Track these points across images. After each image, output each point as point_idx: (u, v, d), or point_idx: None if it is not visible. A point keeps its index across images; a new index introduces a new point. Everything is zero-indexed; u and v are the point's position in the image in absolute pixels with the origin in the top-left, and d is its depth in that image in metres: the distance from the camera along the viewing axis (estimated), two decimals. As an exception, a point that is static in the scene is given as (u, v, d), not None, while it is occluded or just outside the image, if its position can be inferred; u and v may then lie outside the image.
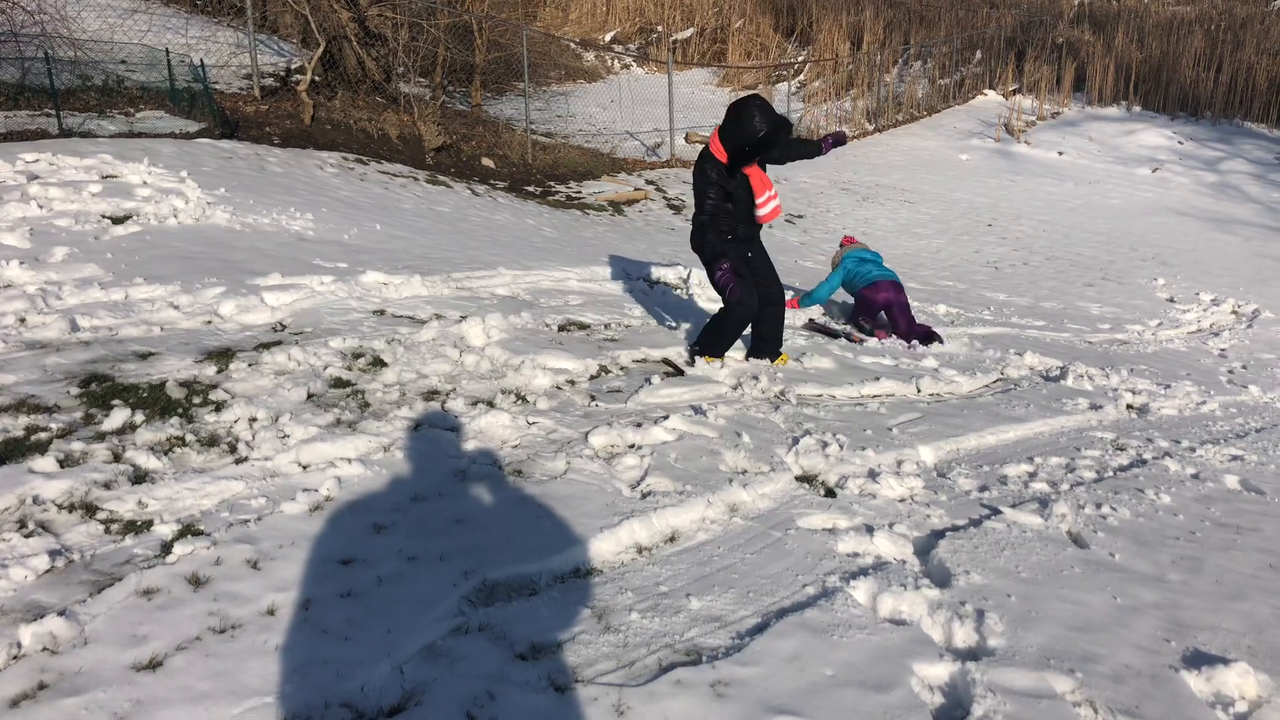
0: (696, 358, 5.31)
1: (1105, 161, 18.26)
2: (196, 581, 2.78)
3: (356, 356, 4.70)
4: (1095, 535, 3.63)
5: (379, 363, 4.65)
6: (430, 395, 4.35)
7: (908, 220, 14.07)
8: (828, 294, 7.47)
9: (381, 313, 5.46)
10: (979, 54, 23.56)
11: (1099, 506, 3.91)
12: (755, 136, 4.84)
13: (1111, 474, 4.44)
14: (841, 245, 7.77)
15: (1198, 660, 2.81)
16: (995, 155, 18.56)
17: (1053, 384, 6.16)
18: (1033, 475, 4.29)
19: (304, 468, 3.57)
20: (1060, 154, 18.63)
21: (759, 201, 5.17)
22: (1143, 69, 21.49)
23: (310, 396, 4.16)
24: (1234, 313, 10.30)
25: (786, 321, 5.91)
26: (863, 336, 6.98)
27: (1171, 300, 10.70)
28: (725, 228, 5.10)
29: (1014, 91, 22.31)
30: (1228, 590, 3.33)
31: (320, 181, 9.35)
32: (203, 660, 2.45)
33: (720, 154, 4.99)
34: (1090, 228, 14.25)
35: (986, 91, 22.62)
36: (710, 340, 5.30)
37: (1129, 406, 5.93)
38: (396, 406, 4.18)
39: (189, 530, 3.06)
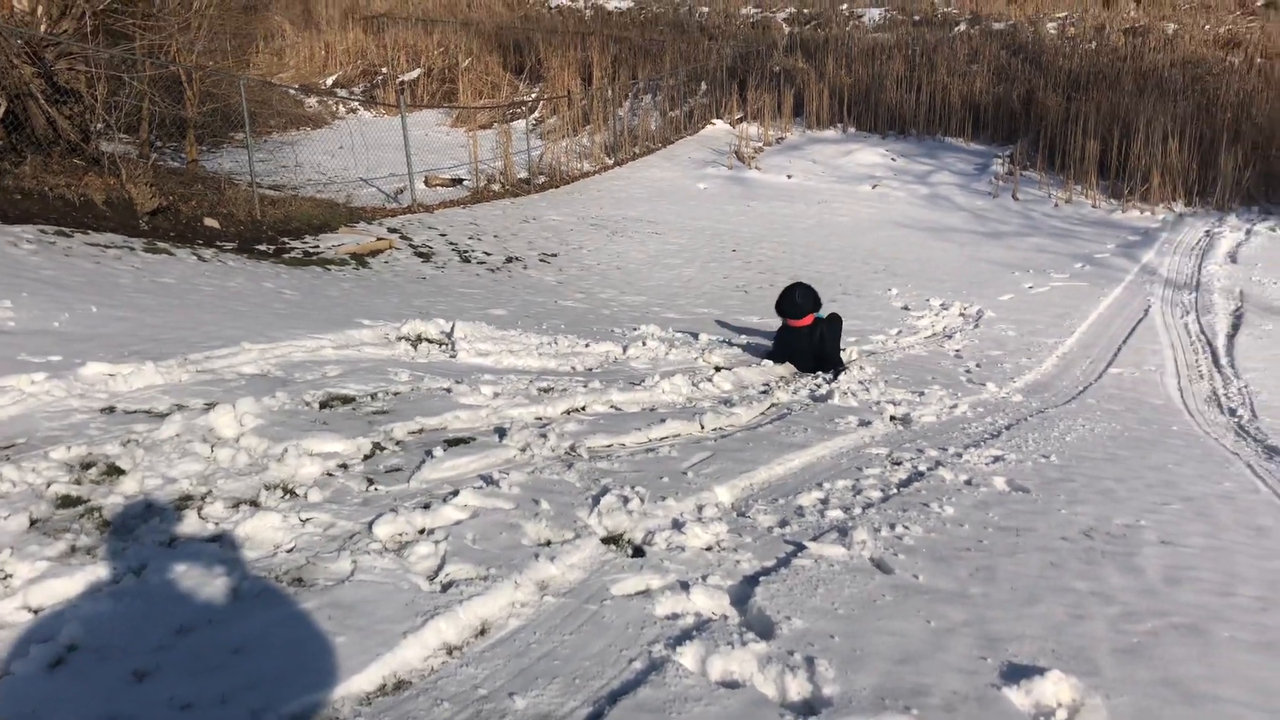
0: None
1: (829, 181, 19.56)
2: (-98, 790, 2.23)
3: (86, 466, 4.07)
4: (896, 558, 3.69)
5: (115, 470, 4.05)
6: (183, 502, 3.82)
7: (657, 251, 14.37)
8: None
9: (111, 410, 4.80)
10: (704, 85, 24.67)
11: (893, 527, 4.00)
12: None
13: (895, 490, 4.58)
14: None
15: (1014, 674, 2.87)
16: (730, 182, 19.42)
17: (821, 404, 6.37)
18: (825, 502, 4.35)
19: (35, 613, 2.99)
20: (789, 177, 19.77)
21: None
22: (854, 92, 23.32)
23: (34, 523, 3.54)
24: (961, 315, 11.20)
25: None
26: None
27: (906, 308, 11.49)
28: None
29: (740, 120, 23.52)
30: (1022, 596, 3.46)
31: (16, 261, 8.25)
32: None
33: None
34: (825, 245, 15.14)
35: (715, 121, 23.71)
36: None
37: (893, 418, 6.22)
38: (143, 521, 3.63)
39: (-114, 721, 2.47)
